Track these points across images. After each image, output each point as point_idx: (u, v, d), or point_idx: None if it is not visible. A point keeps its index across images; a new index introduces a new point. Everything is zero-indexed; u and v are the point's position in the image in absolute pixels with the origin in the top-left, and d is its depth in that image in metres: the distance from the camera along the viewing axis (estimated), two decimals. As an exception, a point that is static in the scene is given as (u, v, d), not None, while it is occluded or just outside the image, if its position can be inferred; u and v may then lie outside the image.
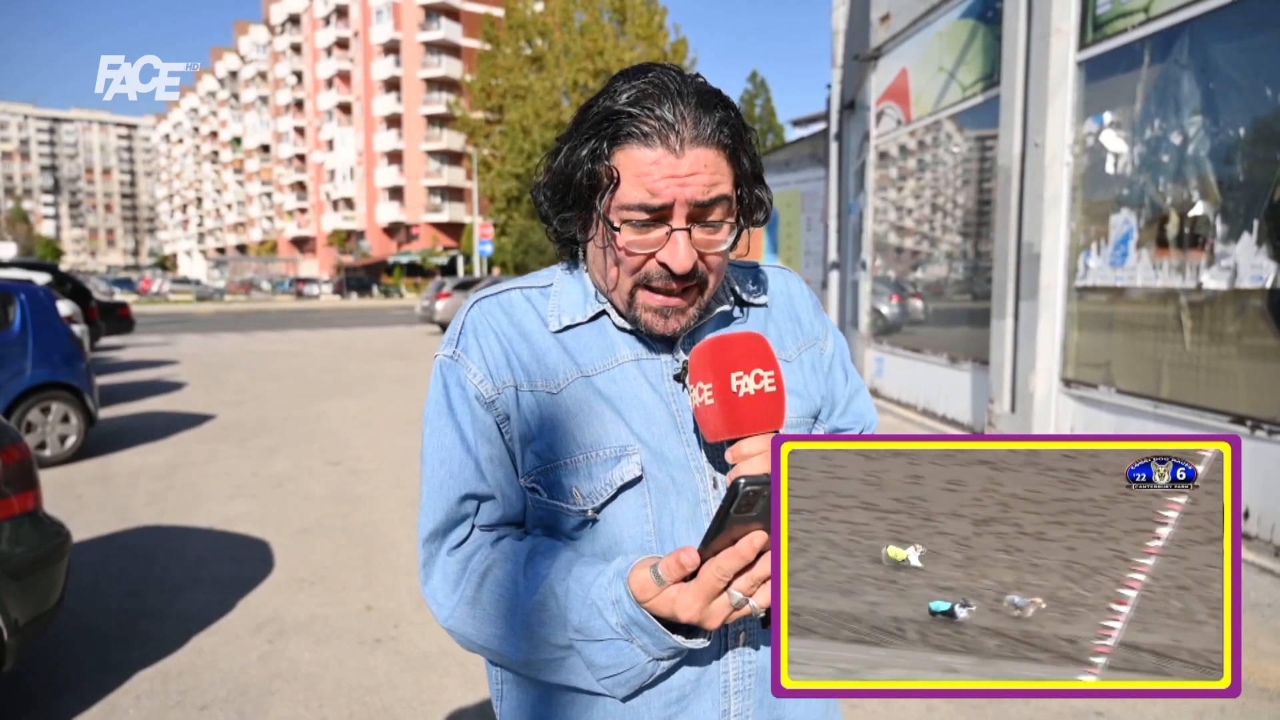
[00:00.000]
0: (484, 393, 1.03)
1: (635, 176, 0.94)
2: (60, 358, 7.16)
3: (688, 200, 0.94)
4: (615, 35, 35.44)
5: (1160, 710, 3.04)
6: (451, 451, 1.03)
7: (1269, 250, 4.43)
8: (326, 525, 5.41)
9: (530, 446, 1.02)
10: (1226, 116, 4.78)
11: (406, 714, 3.14)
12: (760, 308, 1.16)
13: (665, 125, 0.93)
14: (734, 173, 0.98)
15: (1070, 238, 6.05)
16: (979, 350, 7.19)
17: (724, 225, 0.98)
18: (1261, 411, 4.47)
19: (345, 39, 69.83)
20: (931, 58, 8.36)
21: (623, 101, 0.95)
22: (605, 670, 0.95)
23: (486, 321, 1.06)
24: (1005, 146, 6.52)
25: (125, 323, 16.84)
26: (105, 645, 3.66)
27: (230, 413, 9.71)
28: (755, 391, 0.91)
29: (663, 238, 0.96)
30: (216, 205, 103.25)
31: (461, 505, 1.03)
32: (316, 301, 48.28)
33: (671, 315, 1.01)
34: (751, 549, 0.83)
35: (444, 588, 1.03)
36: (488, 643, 1.00)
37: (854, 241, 11.63)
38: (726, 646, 1.01)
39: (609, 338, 1.06)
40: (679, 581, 0.87)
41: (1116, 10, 5.52)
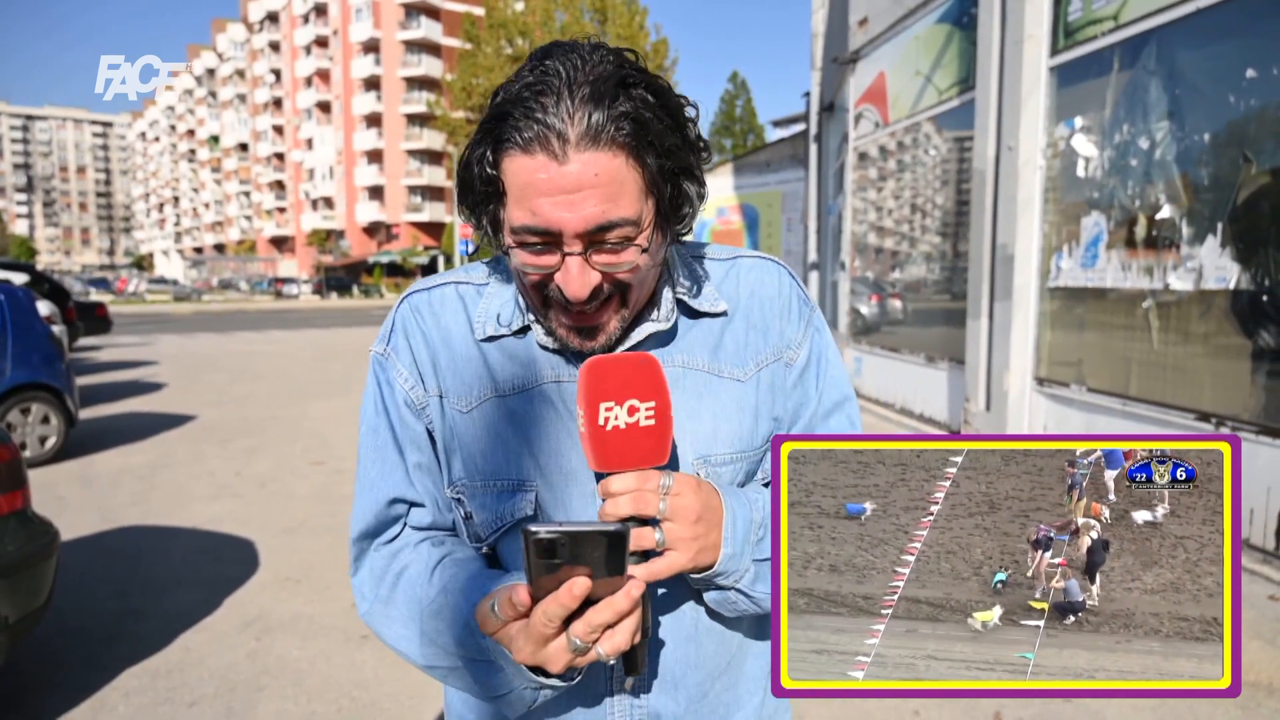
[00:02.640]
0: (414, 399, 0.99)
1: (520, 191, 0.83)
2: (40, 358, 7.13)
3: (576, 231, 0.82)
4: (596, 35, 35.37)
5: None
6: (384, 452, 1.00)
7: (1232, 252, 4.57)
8: (311, 524, 5.44)
9: (454, 457, 0.99)
10: (1192, 122, 4.92)
11: (393, 708, 3.19)
12: (716, 318, 1.01)
13: (546, 129, 0.80)
14: (642, 176, 0.84)
15: (1043, 239, 6.18)
16: (955, 350, 7.32)
17: (629, 246, 0.85)
18: (1225, 409, 4.61)
19: (324, 37, 69.35)
20: (909, 61, 8.49)
21: (511, 96, 0.83)
22: (491, 689, 0.90)
23: (415, 321, 1.00)
24: (980, 150, 6.65)
25: (103, 323, 16.71)
26: (92, 644, 3.69)
27: (212, 413, 9.68)
28: (627, 425, 0.82)
29: (556, 260, 0.85)
30: (194, 204, 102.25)
31: (391, 508, 1.01)
32: (296, 301, 47.95)
33: (587, 334, 0.91)
34: (571, 597, 0.74)
35: (369, 582, 1.01)
36: (396, 643, 0.97)
37: (833, 242, 11.76)
38: (611, 690, 0.97)
39: (532, 355, 0.97)
40: (517, 619, 0.79)
41: (1087, 17, 5.65)
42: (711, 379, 0.98)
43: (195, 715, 3.13)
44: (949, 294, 8.12)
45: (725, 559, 0.89)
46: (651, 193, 0.86)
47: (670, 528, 0.85)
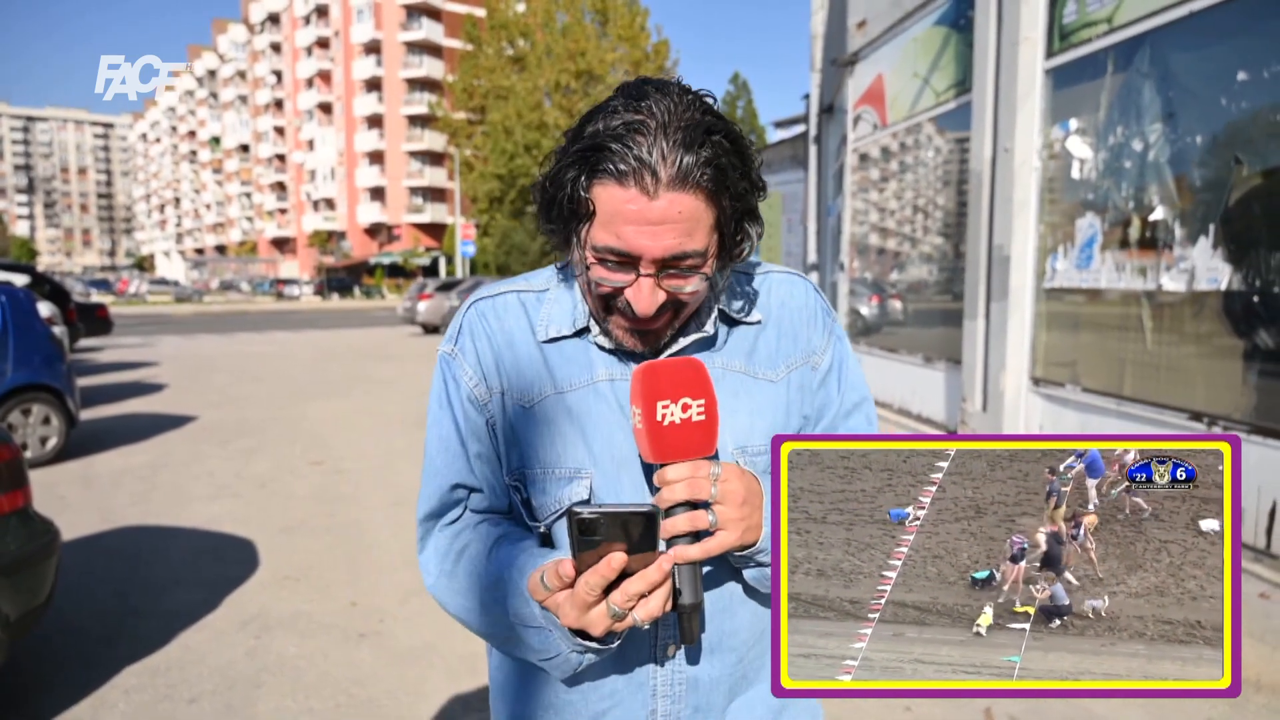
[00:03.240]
0: (477, 395, 1.10)
1: (608, 216, 0.94)
2: (41, 360, 7.17)
3: (654, 257, 0.94)
4: (597, 36, 35.48)
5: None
6: (448, 442, 1.12)
7: (1224, 254, 4.60)
8: (311, 524, 5.47)
9: (514, 450, 1.10)
10: (1185, 124, 4.94)
11: (391, 705, 3.22)
12: (751, 325, 1.14)
13: (641, 165, 0.91)
14: (715, 215, 0.97)
15: (1038, 240, 6.21)
16: (952, 350, 7.34)
17: (695, 274, 0.98)
18: (1216, 409, 4.64)
19: (325, 38, 69.45)
20: (906, 63, 8.52)
21: (610, 130, 0.93)
22: (539, 653, 1.02)
23: (481, 325, 1.11)
24: (977, 151, 6.68)
25: (104, 324, 16.76)
26: (92, 643, 3.72)
27: (212, 414, 9.72)
28: (681, 421, 0.93)
29: (631, 278, 0.97)
30: (195, 205, 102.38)
31: (453, 493, 1.13)
32: (297, 303, 48.00)
33: (642, 336, 1.04)
34: (610, 569, 0.87)
35: (434, 559, 1.13)
36: (458, 612, 1.10)
37: (833, 243, 11.79)
38: (656, 658, 1.07)
39: (589, 355, 1.09)
40: (563, 589, 0.91)
41: (1082, 20, 5.68)
42: (748, 379, 1.11)
43: (194, 712, 3.17)
44: (945, 295, 8.15)
45: (766, 536, 0.99)
46: (719, 229, 0.99)
47: (721, 510, 0.95)
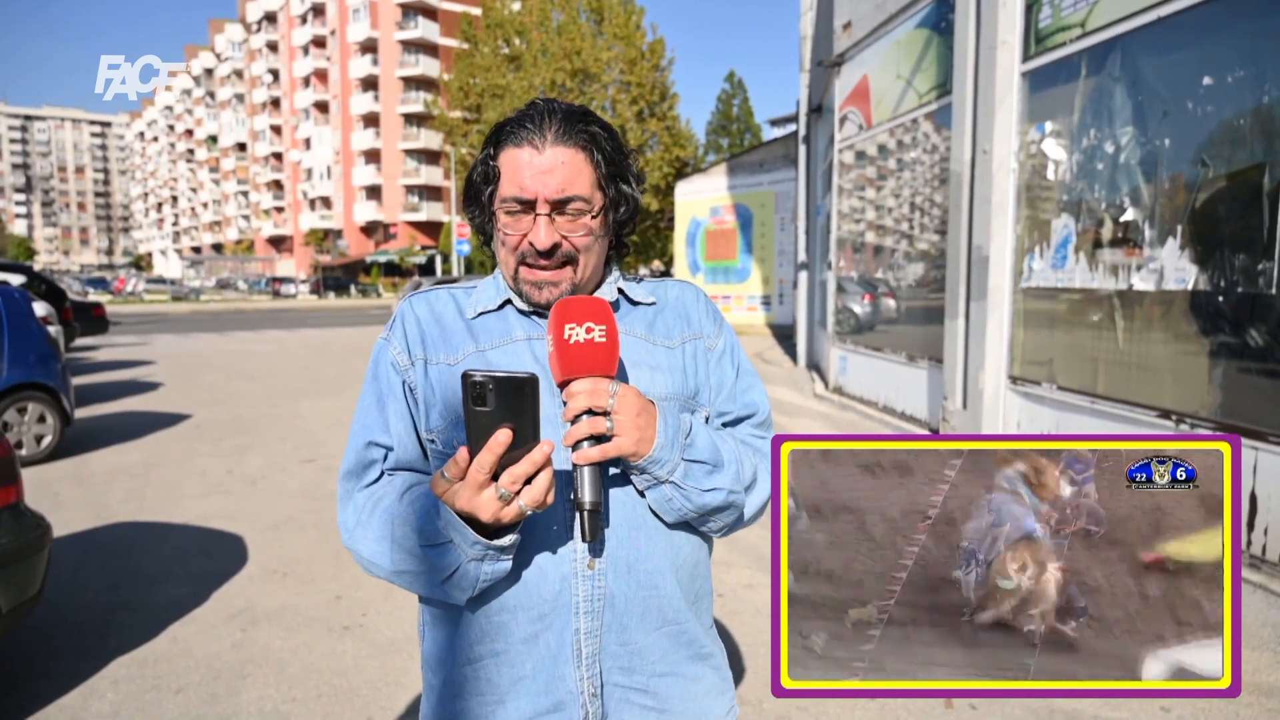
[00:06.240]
0: (399, 362, 1.26)
1: (510, 173, 1.19)
2: (36, 359, 7.25)
3: (548, 197, 1.17)
4: (593, 35, 35.51)
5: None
6: (368, 409, 1.28)
7: (1191, 254, 4.71)
8: (299, 520, 5.57)
9: (434, 408, 1.24)
10: (1154, 127, 5.05)
11: (371, 694, 3.32)
12: (649, 306, 1.34)
13: (532, 130, 1.19)
14: (593, 172, 1.21)
15: (1016, 241, 6.32)
16: (934, 349, 7.45)
17: (583, 216, 1.20)
18: (1184, 406, 4.75)
19: (322, 37, 69.39)
20: (890, 65, 8.62)
21: (511, 118, 1.23)
22: (442, 572, 1.12)
23: (413, 312, 1.30)
24: (956, 153, 6.78)
25: (100, 323, 16.81)
26: (83, 635, 3.82)
27: (206, 412, 9.81)
28: (585, 340, 1.09)
29: (531, 222, 1.20)
30: (192, 204, 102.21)
31: (368, 450, 1.26)
32: (293, 301, 48.01)
33: (545, 287, 1.22)
34: (498, 443, 0.99)
35: (352, 515, 1.24)
36: (371, 556, 1.19)
37: (822, 242, 11.89)
38: (577, 574, 1.17)
39: (509, 322, 1.28)
40: (459, 478, 1.04)
41: (1056, 24, 5.79)
42: (648, 344, 1.30)
43: (180, 701, 3.26)
44: (928, 294, 8.25)
45: (658, 447, 1.14)
46: (601, 188, 1.22)
47: (618, 419, 1.10)
